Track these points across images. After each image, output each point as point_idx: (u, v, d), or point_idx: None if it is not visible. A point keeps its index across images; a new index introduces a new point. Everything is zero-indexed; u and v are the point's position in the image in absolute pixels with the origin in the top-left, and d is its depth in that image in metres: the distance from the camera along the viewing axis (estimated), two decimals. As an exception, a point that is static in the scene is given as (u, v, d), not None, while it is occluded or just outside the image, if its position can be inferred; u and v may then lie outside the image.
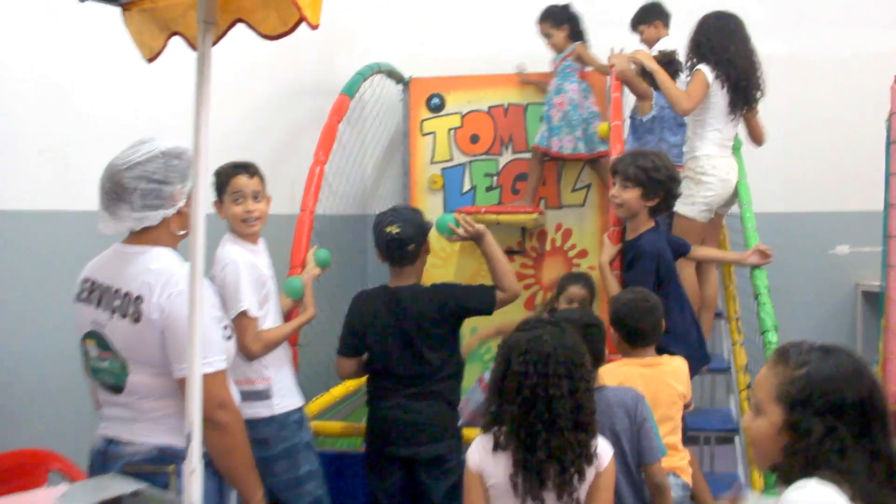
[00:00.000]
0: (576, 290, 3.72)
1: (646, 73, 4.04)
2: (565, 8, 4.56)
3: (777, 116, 4.49)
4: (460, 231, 3.25)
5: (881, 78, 4.32)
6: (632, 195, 3.35)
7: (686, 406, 3.04)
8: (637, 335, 2.96)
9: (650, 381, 2.88)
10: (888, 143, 3.88)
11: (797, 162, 5.28)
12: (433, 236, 3.27)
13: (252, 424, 2.52)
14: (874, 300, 5.27)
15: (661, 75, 3.87)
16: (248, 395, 2.77)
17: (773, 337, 3.23)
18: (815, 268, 5.37)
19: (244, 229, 2.97)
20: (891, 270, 3.78)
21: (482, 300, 3.19)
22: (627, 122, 4.47)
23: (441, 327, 3.16)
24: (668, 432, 2.88)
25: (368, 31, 5.39)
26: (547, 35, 4.57)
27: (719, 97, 3.78)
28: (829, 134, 5.33)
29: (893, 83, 3.77)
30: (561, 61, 4.58)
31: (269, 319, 2.96)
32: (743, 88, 3.78)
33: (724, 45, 3.77)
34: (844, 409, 1.59)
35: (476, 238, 3.24)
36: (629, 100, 4.50)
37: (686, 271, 3.63)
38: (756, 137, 4.11)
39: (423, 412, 3.09)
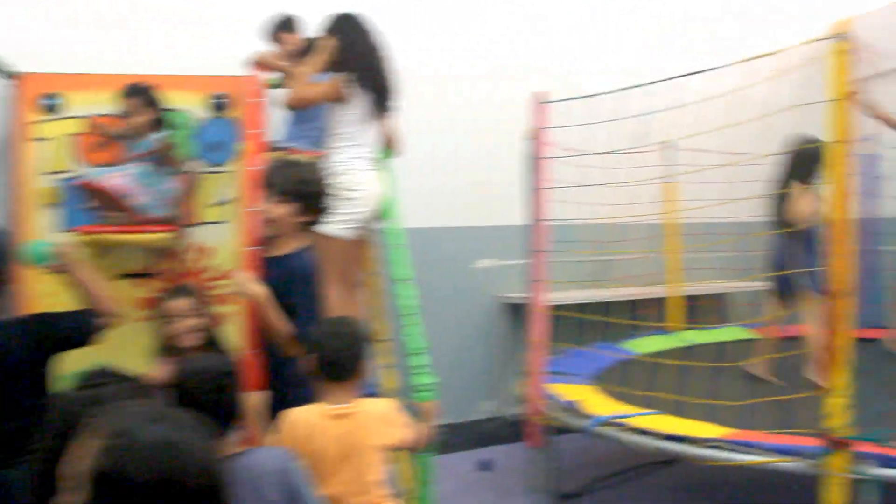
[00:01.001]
0: (178, 304, 3.12)
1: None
2: (152, 89, 3.69)
3: (420, 132, 4.34)
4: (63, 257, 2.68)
5: (521, 95, 4.36)
6: (285, 211, 2.94)
7: (411, 446, 2.68)
8: (335, 367, 2.50)
9: (341, 436, 2.44)
10: (530, 160, 3.83)
11: (439, 177, 5.17)
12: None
13: None
14: (514, 312, 5.33)
15: (294, 70, 3.55)
16: None
17: (421, 360, 2.96)
18: (458, 282, 5.31)
19: None
20: (534, 284, 3.72)
21: (81, 327, 2.67)
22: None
23: (38, 366, 2.57)
24: (358, 491, 2.46)
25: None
26: (129, 112, 3.66)
27: (357, 109, 3.49)
28: (471, 150, 5.30)
29: (532, 100, 3.72)
30: (145, 154, 3.64)
31: None
32: (380, 99, 3.54)
33: (362, 53, 3.51)
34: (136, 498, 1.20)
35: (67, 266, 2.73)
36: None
37: (330, 294, 3.27)
38: (394, 148, 3.88)
39: (17, 482, 2.42)
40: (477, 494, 4.28)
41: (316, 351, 2.53)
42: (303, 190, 2.92)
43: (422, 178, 4.87)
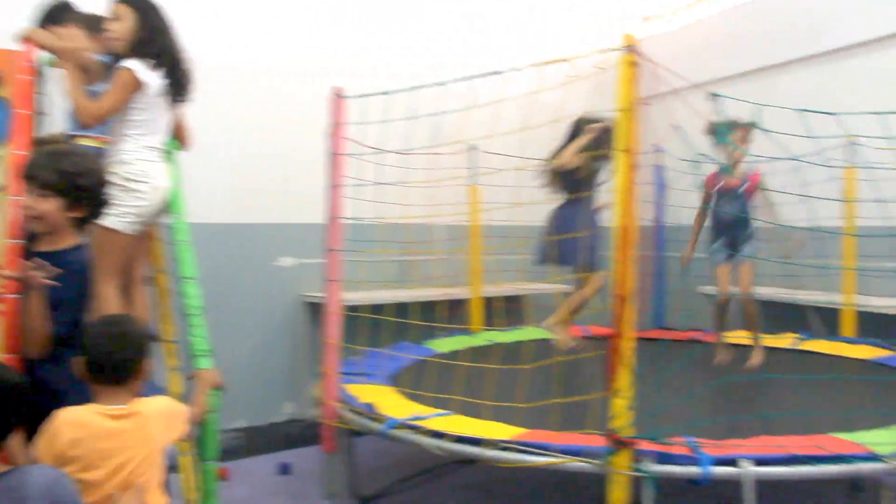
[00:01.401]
0: None
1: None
2: None
3: (219, 125, 4.08)
4: None
5: (321, 89, 4.21)
6: (51, 206, 2.62)
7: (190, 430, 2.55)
8: (105, 369, 2.30)
9: (116, 439, 2.24)
10: (329, 156, 3.67)
11: (241, 172, 4.93)
12: None
13: None
14: (316, 311, 5.17)
15: (71, 70, 3.20)
16: None
17: (205, 363, 2.75)
18: (260, 280, 5.08)
19: None
20: (330, 284, 3.57)
21: None
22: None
23: None
24: (134, 496, 2.26)
25: None
26: None
27: (150, 97, 3.20)
28: (273, 145, 5.09)
29: (331, 95, 3.57)
30: None
31: None
32: (176, 87, 3.26)
33: (159, 40, 3.22)
34: None
35: None
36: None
37: (106, 291, 2.97)
38: (183, 140, 3.60)
39: None
40: (273, 499, 4.10)
41: (85, 352, 2.32)
42: (70, 183, 2.62)
43: (225, 173, 4.65)
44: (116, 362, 2.31)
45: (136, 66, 3.13)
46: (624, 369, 2.78)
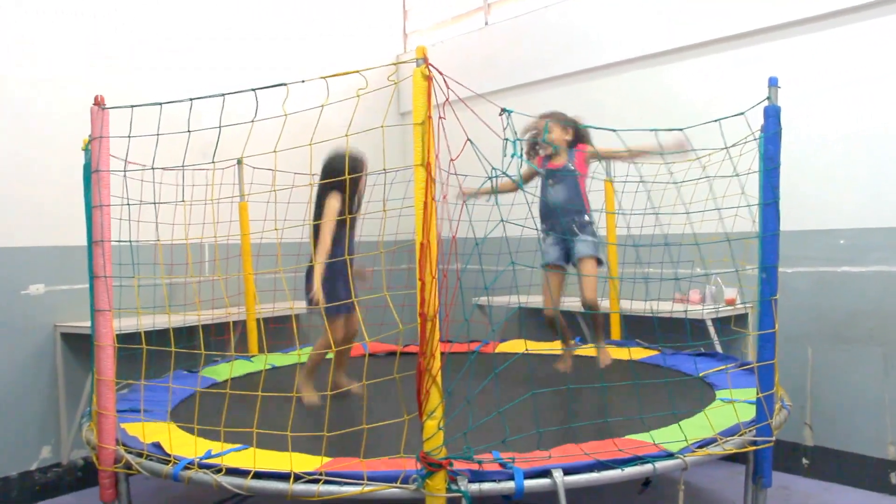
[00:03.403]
0: None
1: None
2: None
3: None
4: None
5: (76, 99, 3.78)
6: None
7: None
8: None
9: None
10: (88, 172, 3.23)
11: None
12: None
13: None
14: (75, 342, 4.63)
15: None
16: None
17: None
18: (8, 310, 4.44)
19: None
20: (99, 315, 3.15)
21: None
22: None
23: None
24: None
25: None
26: None
27: None
28: (22, 160, 4.48)
29: (94, 105, 3.15)
30: None
31: None
32: None
33: None
34: None
35: None
36: None
37: None
38: None
39: None
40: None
41: None
42: None
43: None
44: None
45: None
46: (434, 389, 2.67)
